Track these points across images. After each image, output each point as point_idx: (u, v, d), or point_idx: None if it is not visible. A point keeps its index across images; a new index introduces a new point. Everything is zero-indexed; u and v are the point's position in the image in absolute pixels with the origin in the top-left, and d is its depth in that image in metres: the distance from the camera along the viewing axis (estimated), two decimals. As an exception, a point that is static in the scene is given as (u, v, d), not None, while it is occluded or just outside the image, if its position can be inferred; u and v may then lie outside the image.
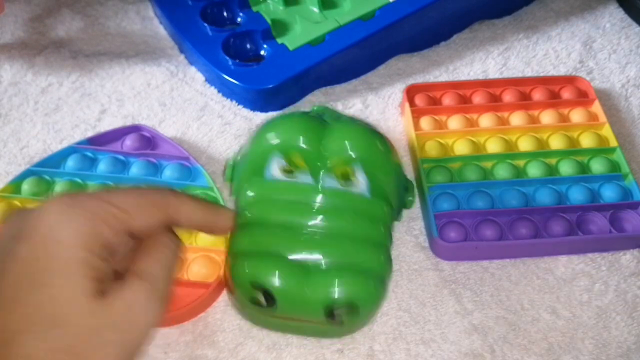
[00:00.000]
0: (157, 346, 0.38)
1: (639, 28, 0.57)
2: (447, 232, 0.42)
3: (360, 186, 0.36)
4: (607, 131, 0.47)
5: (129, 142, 0.47)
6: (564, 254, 0.42)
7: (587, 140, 0.47)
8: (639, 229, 0.42)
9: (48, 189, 0.43)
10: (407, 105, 0.48)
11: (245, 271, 0.34)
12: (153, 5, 0.58)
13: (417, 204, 0.44)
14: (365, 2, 0.51)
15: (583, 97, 0.50)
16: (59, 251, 0.24)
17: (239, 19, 0.54)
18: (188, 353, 0.38)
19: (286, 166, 0.36)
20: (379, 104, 0.51)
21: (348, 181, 0.36)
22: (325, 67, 0.50)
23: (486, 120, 0.48)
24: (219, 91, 0.52)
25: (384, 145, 0.37)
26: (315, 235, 0.35)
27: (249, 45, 0.52)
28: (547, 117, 0.48)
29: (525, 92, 0.50)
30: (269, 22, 0.51)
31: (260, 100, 0.50)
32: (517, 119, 0.48)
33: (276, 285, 0.33)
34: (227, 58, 0.50)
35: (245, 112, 0.51)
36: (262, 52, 0.51)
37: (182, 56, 0.55)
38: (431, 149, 0.46)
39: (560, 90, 0.51)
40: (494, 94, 0.50)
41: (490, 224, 0.42)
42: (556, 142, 0.46)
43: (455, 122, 0.48)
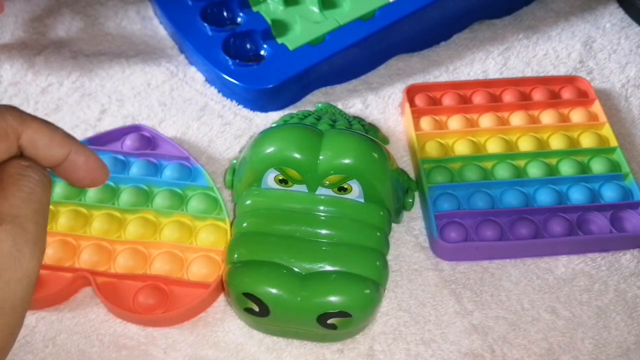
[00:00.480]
0: (157, 346, 0.38)
1: (639, 28, 0.57)
2: (448, 232, 0.42)
3: (354, 194, 0.36)
4: (607, 131, 0.47)
5: (129, 142, 0.47)
6: (564, 254, 0.42)
7: (587, 140, 0.47)
8: (639, 228, 0.42)
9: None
10: (407, 105, 0.48)
11: (239, 281, 0.34)
12: (153, 5, 0.58)
13: (418, 204, 0.44)
14: (365, 2, 0.51)
15: (583, 97, 0.50)
16: None
17: (239, 19, 0.54)
18: (188, 353, 0.38)
19: (282, 177, 0.36)
20: (379, 104, 0.51)
21: (343, 190, 0.36)
22: (325, 67, 0.50)
23: (486, 121, 0.48)
24: (219, 91, 0.52)
25: (378, 152, 0.37)
26: (311, 243, 0.35)
27: (249, 45, 0.52)
28: (547, 117, 0.48)
29: (525, 92, 0.50)
30: (269, 22, 0.51)
31: (261, 100, 0.50)
32: (517, 119, 0.48)
33: (269, 296, 0.33)
34: (227, 58, 0.50)
35: (245, 112, 0.51)
36: (262, 52, 0.51)
37: (182, 56, 0.55)
38: (431, 149, 0.46)
39: (560, 90, 0.51)
40: (494, 94, 0.50)
41: (491, 224, 0.42)
42: (556, 142, 0.46)
43: (455, 122, 0.48)
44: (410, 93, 0.50)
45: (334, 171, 0.35)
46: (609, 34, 0.57)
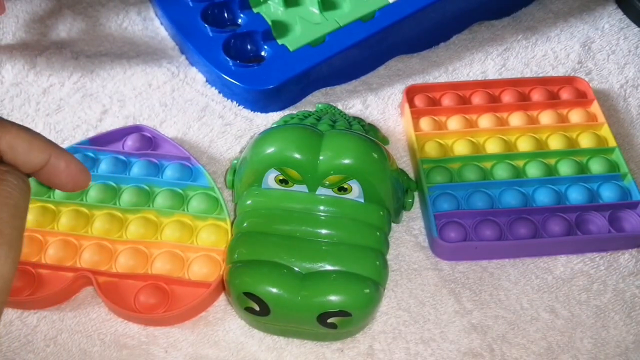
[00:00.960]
0: (158, 345, 0.38)
1: (638, 29, 0.57)
2: (447, 232, 0.42)
3: (354, 194, 0.36)
4: (606, 131, 0.47)
5: (130, 142, 0.47)
6: (562, 253, 0.42)
7: (586, 141, 0.47)
8: (637, 228, 0.42)
9: (49, 189, 0.44)
10: (407, 105, 0.48)
11: (239, 280, 0.34)
12: (154, 6, 0.58)
13: (417, 204, 0.45)
14: (365, 3, 0.51)
15: (582, 98, 0.50)
16: None
17: (240, 20, 0.54)
18: (189, 352, 0.38)
19: (282, 177, 0.36)
20: (378, 105, 0.51)
21: (342, 190, 0.36)
22: (326, 68, 0.50)
23: (485, 121, 0.48)
24: (219, 92, 0.52)
25: (378, 152, 0.37)
26: (311, 242, 0.35)
27: (249, 46, 0.52)
28: (546, 118, 0.48)
29: (524, 93, 0.51)
30: (270, 23, 0.51)
31: (261, 101, 0.50)
32: (516, 119, 0.48)
33: (269, 295, 0.33)
34: (228, 59, 0.50)
35: (246, 113, 0.51)
36: (263, 53, 0.51)
37: (183, 57, 0.55)
38: (431, 150, 0.46)
39: (559, 91, 0.51)
40: (493, 94, 0.50)
41: (490, 224, 0.42)
42: (555, 143, 0.47)
43: (454, 123, 0.48)
44: (410, 94, 0.50)
45: (334, 171, 0.36)
46: (607, 34, 0.57)
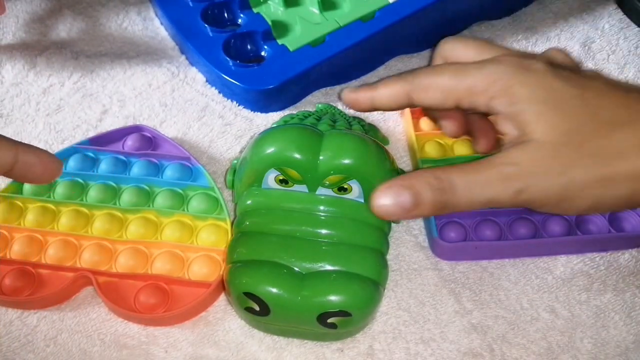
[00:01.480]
0: (158, 345, 0.38)
1: (638, 29, 0.57)
2: (447, 232, 0.42)
3: (354, 194, 0.36)
4: (606, 132, 0.47)
5: (130, 143, 0.47)
6: (562, 253, 0.42)
7: (586, 141, 0.47)
8: (638, 228, 0.42)
9: (49, 189, 0.44)
10: (407, 105, 0.48)
11: (239, 280, 0.34)
12: (154, 6, 0.58)
13: (417, 204, 0.45)
14: (365, 3, 0.51)
15: (582, 98, 0.50)
16: None
17: (240, 20, 0.54)
18: (189, 352, 0.38)
19: (282, 177, 0.36)
20: (378, 105, 0.51)
21: (343, 190, 0.36)
22: (326, 68, 0.50)
23: (485, 121, 0.48)
24: (219, 92, 0.52)
25: (378, 152, 0.37)
26: (311, 242, 0.35)
27: (249, 46, 0.52)
28: (546, 118, 0.48)
29: (524, 93, 0.50)
30: (270, 23, 0.51)
31: (261, 101, 0.50)
32: (517, 119, 0.48)
33: (269, 295, 0.33)
34: (228, 59, 0.50)
35: (246, 113, 0.51)
36: (263, 53, 0.51)
37: (183, 57, 0.55)
38: (431, 150, 0.46)
39: (559, 91, 0.51)
40: (493, 94, 0.50)
41: (490, 223, 0.42)
42: (555, 143, 0.47)
43: (454, 123, 0.48)
44: (410, 94, 0.50)
45: (334, 171, 0.36)
46: (607, 35, 0.57)
